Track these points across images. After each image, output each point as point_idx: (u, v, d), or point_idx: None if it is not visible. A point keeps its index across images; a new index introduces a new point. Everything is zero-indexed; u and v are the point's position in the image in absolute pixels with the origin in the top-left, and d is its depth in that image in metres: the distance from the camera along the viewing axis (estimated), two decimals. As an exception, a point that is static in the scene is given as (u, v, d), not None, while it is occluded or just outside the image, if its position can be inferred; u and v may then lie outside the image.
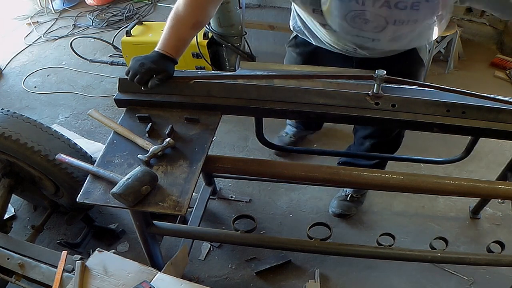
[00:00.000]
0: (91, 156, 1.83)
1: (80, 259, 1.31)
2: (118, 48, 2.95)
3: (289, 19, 1.73)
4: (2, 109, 1.77)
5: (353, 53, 1.53)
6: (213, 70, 2.65)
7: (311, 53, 1.69)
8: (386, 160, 2.11)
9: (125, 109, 1.48)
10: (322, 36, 1.55)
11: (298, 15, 1.61)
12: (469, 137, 1.63)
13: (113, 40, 3.00)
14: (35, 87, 3.24)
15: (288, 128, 2.52)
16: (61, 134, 1.80)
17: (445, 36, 2.99)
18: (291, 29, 1.72)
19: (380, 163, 2.09)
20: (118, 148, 1.34)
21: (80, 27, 3.95)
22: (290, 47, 1.80)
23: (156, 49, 1.40)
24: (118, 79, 1.49)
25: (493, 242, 1.50)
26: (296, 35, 1.73)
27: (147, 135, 1.36)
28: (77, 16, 4.09)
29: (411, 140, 2.50)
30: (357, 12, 1.14)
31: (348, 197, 2.18)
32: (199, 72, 1.51)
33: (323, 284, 1.89)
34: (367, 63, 1.49)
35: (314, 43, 1.64)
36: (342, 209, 2.18)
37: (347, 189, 2.22)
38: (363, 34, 1.23)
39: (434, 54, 3.01)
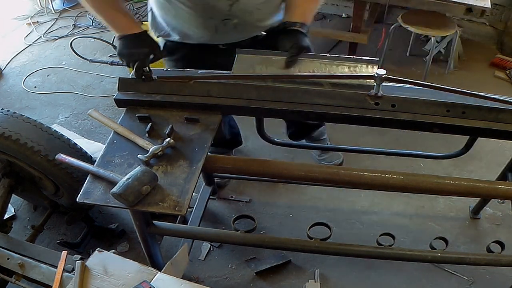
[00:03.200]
0: (91, 156, 1.83)
1: (80, 259, 1.31)
2: (118, 48, 2.94)
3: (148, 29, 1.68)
4: (2, 109, 1.77)
5: (223, 33, 1.52)
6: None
7: (188, 56, 1.64)
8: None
9: (125, 109, 1.48)
10: (188, 26, 1.53)
11: (158, 14, 1.59)
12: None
13: (113, 40, 2.98)
14: (35, 87, 3.24)
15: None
16: (61, 134, 1.80)
17: (445, 36, 2.99)
18: (157, 37, 1.66)
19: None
20: (118, 148, 1.34)
21: (80, 27, 3.95)
22: (166, 58, 1.70)
23: (126, 33, 1.43)
24: (118, 79, 1.49)
25: (493, 242, 1.50)
26: (165, 42, 1.67)
27: (147, 135, 1.36)
28: (77, 16, 4.08)
29: (411, 140, 2.51)
30: None
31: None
32: (199, 72, 1.51)
33: (323, 284, 1.89)
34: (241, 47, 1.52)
35: (184, 41, 1.60)
36: None
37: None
38: None
39: (434, 54, 3.01)
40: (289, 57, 1.39)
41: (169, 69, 1.52)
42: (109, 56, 3.22)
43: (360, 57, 1.43)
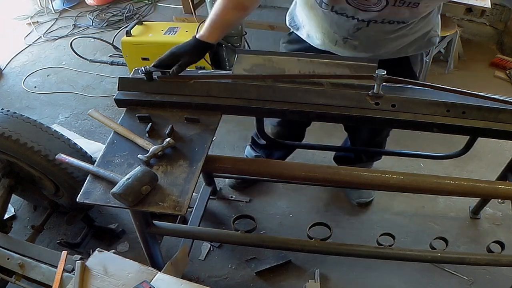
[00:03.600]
0: (91, 156, 1.83)
1: (80, 259, 1.31)
2: (118, 48, 2.94)
3: (286, 14, 1.73)
4: (2, 109, 1.77)
5: (341, 48, 1.53)
6: (213, 70, 2.65)
7: (304, 51, 1.65)
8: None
9: (125, 109, 1.48)
10: (314, 29, 1.56)
11: (298, 6, 1.61)
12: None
13: (113, 40, 3.00)
14: (35, 87, 3.24)
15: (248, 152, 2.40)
16: (61, 134, 1.80)
17: (445, 36, 2.99)
18: (287, 25, 1.71)
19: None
20: (118, 148, 1.34)
21: (80, 27, 3.95)
22: (285, 43, 1.79)
23: (196, 36, 1.41)
24: (118, 79, 1.49)
25: (493, 242, 1.50)
26: (292, 32, 1.72)
27: (147, 135, 1.36)
28: (77, 16, 4.09)
29: (411, 140, 2.51)
30: None
31: None
32: (199, 72, 1.51)
33: (323, 284, 1.89)
34: None
35: (307, 41, 1.63)
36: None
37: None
38: (361, 12, 1.35)
39: (434, 54, 3.01)
40: None
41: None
42: (109, 56, 3.21)
43: (359, 57, 1.43)
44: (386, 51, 1.52)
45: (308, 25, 1.59)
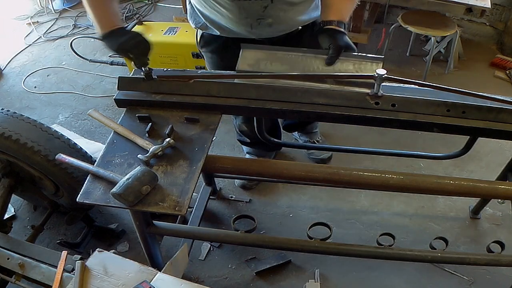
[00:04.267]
0: (91, 156, 1.83)
1: (80, 259, 1.31)
2: (118, 48, 2.94)
3: (187, 17, 1.71)
4: (2, 109, 1.77)
5: (258, 30, 1.54)
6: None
7: (224, 47, 1.67)
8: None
9: (125, 109, 1.48)
10: (225, 21, 1.55)
11: (196, 8, 1.60)
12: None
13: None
14: (35, 87, 3.24)
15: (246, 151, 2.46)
16: (61, 134, 1.80)
17: (445, 36, 2.99)
18: (194, 27, 1.69)
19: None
20: (118, 148, 1.34)
21: (80, 27, 3.95)
22: (203, 49, 1.77)
23: (111, 29, 1.38)
24: (118, 78, 1.49)
25: (493, 242, 1.50)
26: (202, 33, 1.71)
27: (147, 135, 1.36)
28: (77, 16, 4.08)
29: (411, 140, 2.51)
30: None
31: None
32: (199, 72, 1.51)
33: (323, 284, 1.89)
34: (278, 43, 1.54)
35: (221, 35, 1.63)
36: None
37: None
38: None
39: (434, 54, 3.01)
40: (328, 58, 1.40)
41: (169, 69, 1.52)
42: (109, 56, 3.22)
43: (365, 54, 1.42)
44: (297, 19, 1.54)
45: (217, 20, 1.57)
